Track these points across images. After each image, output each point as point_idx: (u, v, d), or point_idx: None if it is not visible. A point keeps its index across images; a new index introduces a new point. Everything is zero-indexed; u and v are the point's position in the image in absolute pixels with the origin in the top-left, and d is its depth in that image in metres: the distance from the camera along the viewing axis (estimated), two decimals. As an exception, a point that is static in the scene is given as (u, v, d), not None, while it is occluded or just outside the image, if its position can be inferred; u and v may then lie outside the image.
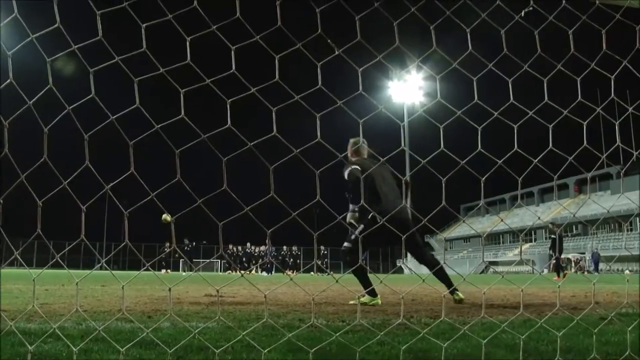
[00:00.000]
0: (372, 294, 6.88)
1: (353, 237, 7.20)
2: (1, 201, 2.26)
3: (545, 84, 2.79)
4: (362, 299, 6.78)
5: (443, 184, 2.50)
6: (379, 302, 6.81)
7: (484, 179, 2.56)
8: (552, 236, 25.29)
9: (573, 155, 2.75)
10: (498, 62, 2.75)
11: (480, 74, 2.69)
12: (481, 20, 2.67)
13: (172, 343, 3.14)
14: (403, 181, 7.47)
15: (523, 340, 3.01)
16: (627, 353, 2.79)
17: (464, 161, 2.47)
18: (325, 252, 47.17)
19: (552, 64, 2.90)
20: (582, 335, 3.53)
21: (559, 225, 24.73)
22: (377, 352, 3.01)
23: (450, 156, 2.63)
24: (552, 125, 2.68)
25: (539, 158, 2.70)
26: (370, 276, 7.18)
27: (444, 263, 2.97)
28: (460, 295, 6.82)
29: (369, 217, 6.95)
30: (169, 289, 2.56)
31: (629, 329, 3.03)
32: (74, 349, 2.70)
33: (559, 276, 22.87)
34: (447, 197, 2.54)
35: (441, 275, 7.13)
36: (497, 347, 3.15)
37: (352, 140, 7.48)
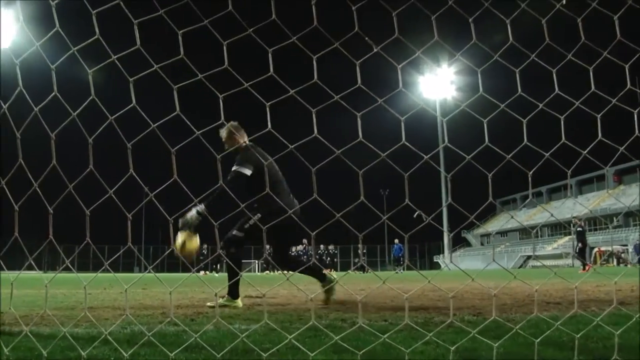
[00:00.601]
0: (235, 295, 6.44)
1: (247, 226, 6.31)
2: (51, 211, 2.29)
3: (591, 73, 2.70)
4: (223, 300, 6.37)
5: (489, 179, 2.45)
6: (240, 304, 6.39)
7: (531, 172, 2.50)
8: (579, 229, 25.71)
9: (625, 145, 2.65)
10: (538, 53, 2.68)
11: (524, 65, 2.63)
12: (521, 11, 2.60)
13: (217, 346, 3.14)
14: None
15: (572, 337, 2.93)
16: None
17: (510, 155, 2.41)
18: (364, 251, 47.12)
19: (593, 52, 2.82)
20: (633, 331, 3.41)
21: (582, 219, 25.34)
22: (423, 352, 2.97)
23: (484, 151, 2.57)
24: (600, 115, 2.60)
25: (588, 149, 2.62)
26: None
27: (493, 260, 2.85)
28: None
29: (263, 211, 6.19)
30: (215, 294, 2.56)
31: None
32: (125, 355, 2.73)
33: (584, 269, 23.38)
34: (486, 191, 2.49)
35: (310, 272, 6.94)
36: (545, 345, 3.07)
37: (235, 124, 6.73)
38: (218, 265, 37.43)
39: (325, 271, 7.21)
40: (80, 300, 7.40)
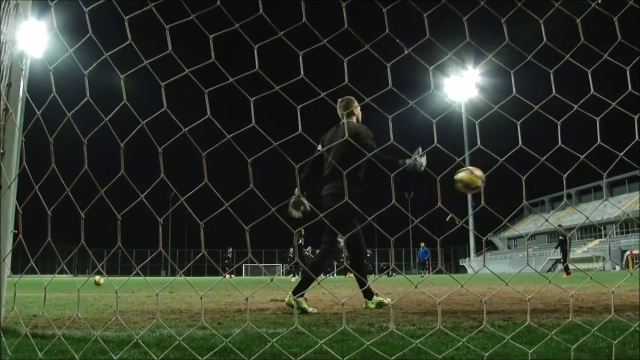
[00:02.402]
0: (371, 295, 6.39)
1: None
2: (83, 216, 2.32)
3: (628, 73, 2.65)
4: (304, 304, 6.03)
5: (523, 182, 2.41)
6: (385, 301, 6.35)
7: (566, 175, 2.45)
8: (560, 237, 28.01)
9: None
10: (575, 53, 2.64)
11: (558, 66, 2.58)
12: (554, 10, 2.56)
13: (245, 350, 3.14)
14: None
15: (608, 344, 2.86)
16: None
17: (544, 157, 2.37)
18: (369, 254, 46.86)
19: (629, 52, 2.76)
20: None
21: (566, 229, 27.67)
22: (454, 358, 2.93)
23: (513, 153, 2.54)
24: (637, 116, 2.54)
25: (625, 151, 2.57)
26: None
27: (528, 265, 2.80)
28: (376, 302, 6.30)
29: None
30: (246, 299, 2.56)
31: None
32: (156, 358, 2.74)
33: (567, 274, 25.71)
34: (513, 193, 2.45)
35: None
36: (581, 351, 3.00)
37: (350, 98, 6.44)
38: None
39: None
40: (109, 303, 7.48)
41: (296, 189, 5.51)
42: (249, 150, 2.20)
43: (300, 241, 29.11)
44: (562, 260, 28.03)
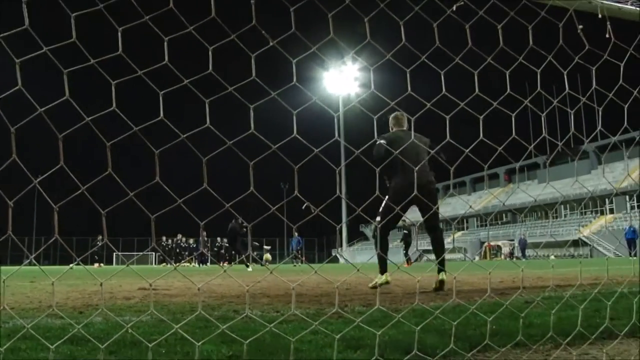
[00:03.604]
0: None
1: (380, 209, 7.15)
2: None
3: (476, 77, 2.88)
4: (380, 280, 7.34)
5: (377, 173, 2.55)
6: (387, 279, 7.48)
7: (417, 169, 2.63)
8: (404, 231, 31.71)
9: (502, 146, 2.85)
10: (431, 55, 2.83)
11: (414, 66, 2.76)
12: (415, 14, 2.72)
13: (104, 338, 3.07)
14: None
15: (453, 325, 3.11)
16: (549, 334, 2.93)
17: (397, 151, 2.52)
18: (257, 243, 46.84)
19: (482, 57, 3.00)
20: (507, 319, 3.67)
21: (411, 222, 30.13)
22: (311, 342, 3.05)
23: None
24: (482, 117, 2.78)
25: (470, 148, 2.80)
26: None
27: (377, 253, 2.99)
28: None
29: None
30: (101, 284, 2.51)
31: (553, 311, 3.18)
32: (0, 349, 2.61)
33: (408, 264, 28.66)
34: (381, 187, 2.60)
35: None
36: (428, 333, 3.24)
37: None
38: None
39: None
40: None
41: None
42: (107, 134, 2.16)
43: (244, 230, 27.92)
44: (404, 252, 30.94)
